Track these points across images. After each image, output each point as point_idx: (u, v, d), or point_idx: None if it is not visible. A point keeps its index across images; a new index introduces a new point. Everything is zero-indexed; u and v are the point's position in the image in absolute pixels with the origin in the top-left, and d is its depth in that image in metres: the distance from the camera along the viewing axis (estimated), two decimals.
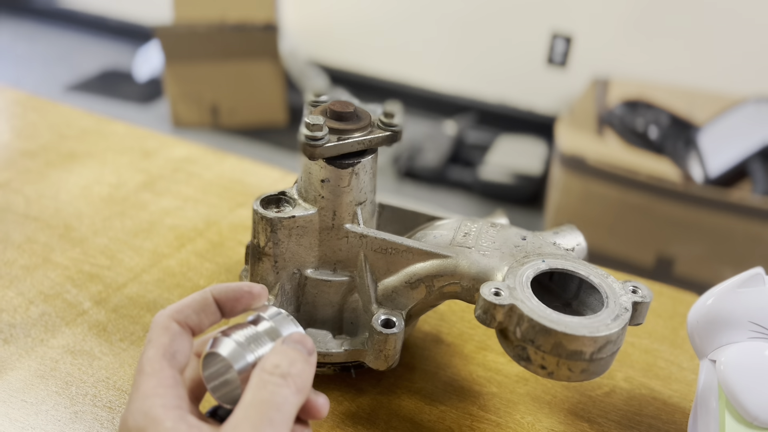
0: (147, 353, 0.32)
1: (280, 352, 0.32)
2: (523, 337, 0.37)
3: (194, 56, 2.34)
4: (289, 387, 0.31)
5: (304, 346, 0.33)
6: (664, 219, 1.61)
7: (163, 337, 0.33)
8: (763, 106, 1.72)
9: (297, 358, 0.32)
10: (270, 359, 0.32)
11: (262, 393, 0.30)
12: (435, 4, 2.44)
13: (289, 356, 0.32)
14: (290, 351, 0.32)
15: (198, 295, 0.35)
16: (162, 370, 0.31)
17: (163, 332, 0.33)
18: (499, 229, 0.45)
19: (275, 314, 0.35)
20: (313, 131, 0.41)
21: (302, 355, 0.32)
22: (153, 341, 0.33)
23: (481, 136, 2.46)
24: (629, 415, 0.48)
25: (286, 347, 0.33)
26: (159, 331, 0.33)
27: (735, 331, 0.40)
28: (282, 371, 0.31)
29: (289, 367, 0.31)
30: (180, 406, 0.31)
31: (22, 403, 0.45)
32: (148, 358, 0.32)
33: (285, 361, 0.31)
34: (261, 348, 0.33)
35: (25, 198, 0.69)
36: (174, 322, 0.34)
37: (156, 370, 0.31)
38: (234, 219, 0.68)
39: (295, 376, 0.31)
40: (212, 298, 0.35)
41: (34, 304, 0.54)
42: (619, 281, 0.40)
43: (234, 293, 0.36)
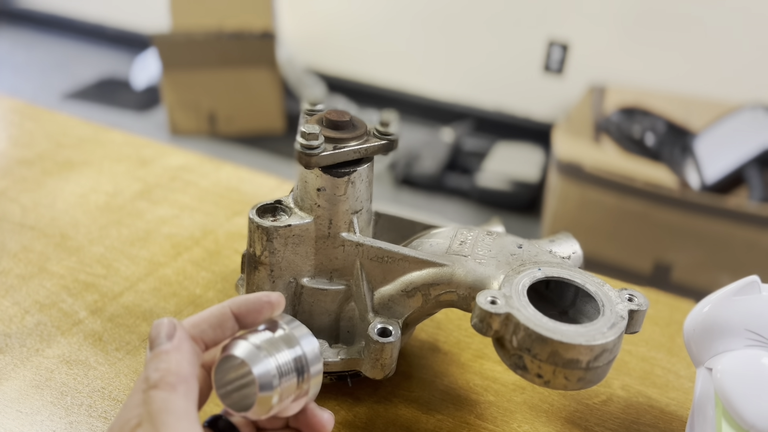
0: (170, 396, 0.32)
1: (145, 366, 0.32)
2: (519, 346, 0.37)
3: (192, 64, 2.35)
4: (163, 391, 0.30)
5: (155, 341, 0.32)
6: (662, 226, 1.61)
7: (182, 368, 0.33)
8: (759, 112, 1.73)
9: (153, 363, 0.31)
10: (137, 382, 0.32)
11: (144, 408, 0.30)
12: (432, 12, 2.45)
13: (149, 366, 0.31)
14: (149, 361, 0.32)
15: (216, 309, 0.35)
16: (190, 413, 0.31)
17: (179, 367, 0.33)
18: (495, 237, 0.45)
19: (290, 321, 0.35)
20: (308, 140, 0.41)
21: (155, 355, 0.32)
22: (173, 384, 0.32)
23: (478, 143, 2.46)
24: (627, 424, 0.48)
25: (148, 355, 0.32)
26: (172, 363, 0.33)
27: (731, 339, 0.40)
28: (149, 383, 0.31)
29: (152, 374, 0.31)
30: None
31: (17, 413, 0.45)
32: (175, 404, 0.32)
33: (147, 370, 0.31)
34: (279, 354, 0.33)
35: (21, 207, 0.69)
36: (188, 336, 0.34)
37: (189, 413, 0.31)
38: (230, 227, 0.68)
39: (160, 379, 0.31)
40: (231, 312, 0.35)
41: (30, 314, 0.54)
42: (615, 289, 0.40)
43: (254, 305, 0.35)
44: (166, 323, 0.33)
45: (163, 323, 0.33)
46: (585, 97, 2.08)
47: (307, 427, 0.35)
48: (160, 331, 0.32)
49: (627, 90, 2.09)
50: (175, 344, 0.32)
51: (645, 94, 2.06)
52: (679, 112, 1.99)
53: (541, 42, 2.31)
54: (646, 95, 2.05)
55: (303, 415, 0.35)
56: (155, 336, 0.32)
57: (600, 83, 2.17)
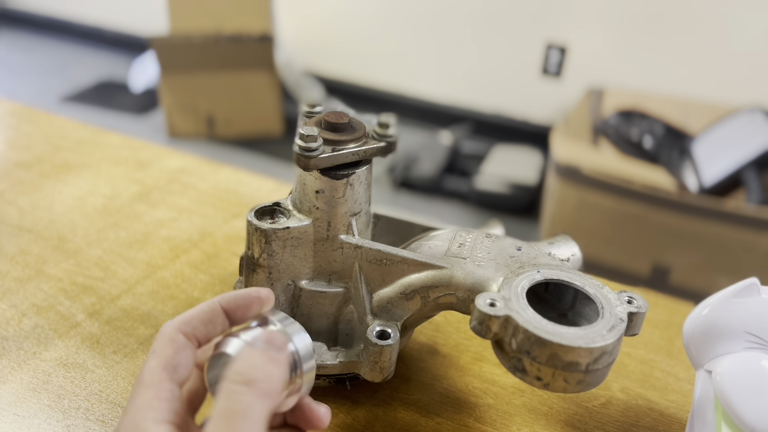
0: (149, 363, 0.32)
1: (244, 357, 0.31)
2: (518, 349, 0.37)
3: (190, 67, 2.35)
4: (252, 393, 0.30)
5: (272, 344, 0.32)
6: (660, 228, 1.61)
7: (167, 349, 0.32)
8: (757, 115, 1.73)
9: (260, 362, 0.31)
10: (233, 366, 0.31)
11: (226, 402, 0.29)
12: (431, 16, 2.45)
13: (251, 361, 0.31)
14: (254, 355, 0.31)
15: (206, 305, 0.35)
16: (161, 383, 0.31)
17: (168, 344, 0.33)
18: (494, 239, 0.45)
19: (283, 318, 0.35)
20: (307, 142, 0.41)
21: (266, 356, 0.31)
22: (157, 352, 0.32)
23: (476, 146, 2.46)
24: (626, 427, 0.48)
25: (250, 351, 0.32)
26: (164, 342, 0.33)
27: (731, 341, 0.40)
28: (244, 378, 0.30)
29: (251, 373, 0.30)
30: (171, 421, 0.30)
31: (14, 416, 0.45)
32: (150, 368, 0.32)
33: (247, 366, 0.31)
34: None
35: (19, 209, 0.69)
36: (180, 333, 0.33)
37: (155, 382, 0.31)
38: (229, 230, 0.68)
39: (260, 381, 0.30)
40: (220, 308, 0.35)
41: (27, 317, 0.54)
42: (614, 291, 0.40)
43: (243, 300, 0.35)
44: (278, 335, 0.33)
45: (276, 334, 0.33)
46: (583, 100, 2.08)
47: (304, 422, 0.35)
48: (276, 339, 0.33)
49: (625, 93, 2.10)
50: (283, 358, 0.32)
51: (643, 97, 2.06)
52: (677, 115, 1.99)
53: (539, 45, 2.32)
54: (644, 98, 2.05)
55: (299, 410, 0.35)
56: (272, 339, 0.32)
57: (598, 86, 2.17)
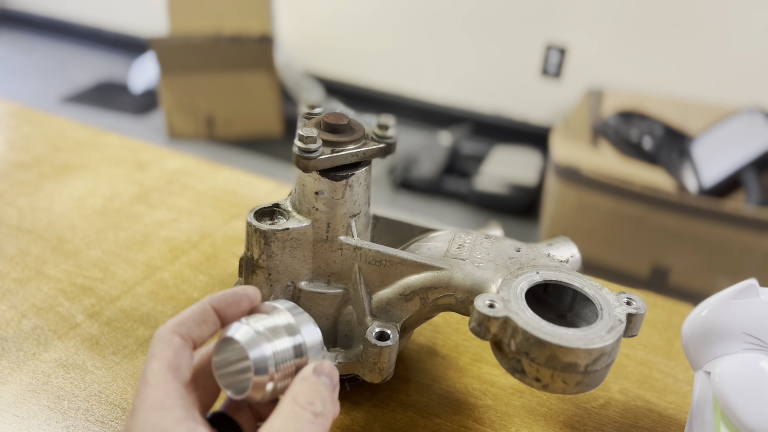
0: (151, 366, 0.32)
1: (314, 385, 0.32)
2: (517, 350, 0.37)
3: (190, 68, 2.35)
4: (317, 426, 0.31)
5: (332, 381, 0.33)
6: (659, 229, 1.61)
7: (167, 351, 0.32)
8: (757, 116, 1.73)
9: (328, 398, 0.32)
10: (304, 391, 0.32)
11: (293, 425, 0.30)
12: (430, 16, 2.45)
13: (322, 393, 0.32)
14: (323, 388, 0.32)
15: (197, 306, 0.35)
16: (167, 383, 0.31)
17: (166, 346, 0.32)
18: (493, 240, 0.45)
19: (292, 308, 0.35)
20: (306, 143, 0.41)
21: (332, 393, 0.33)
22: (156, 355, 0.32)
23: (476, 146, 2.46)
24: (625, 428, 0.48)
25: (319, 381, 0.33)
26: (161, 345, 0.33)
27: (729, 342, 0.40)
28: (315, 410, 0.31)
29: (322, 407, 0.31)
30: (189, 418, 0.30)
31: (13, 417, 0.45)
32: (153, 371, 0.31)
33: (318, 398, 0.32)
34: (278, 340, 0.33)
35: (18, 210, 0.69)
36: (176, 335, 0.33)
37: (161, 382, 0.31)
38: (228, 231, 0.68)
39: (325, 416, 0.31)
40: (211, 308, 0.35)
41: (27, 318, 0.54)
42: (613, 293, 0.40)
43: (233, 298, 0.35)
44: (337, 373, 0.34)
45: (336, 371, 0.34)
46: (583, 100, 2.08)
47: None
48: (335, 376, 0.34)
49: (625, 94, 2.10)
50: (336, 397, 0.33)
51: (643, 97, 2.06)
52: (677, 116, 1.99)
53: (538, 46, 2.32)
54: (643, 99, 2.05)
55: None
56: (331, 376, 0.33)
57: (598, 87, 2.17)
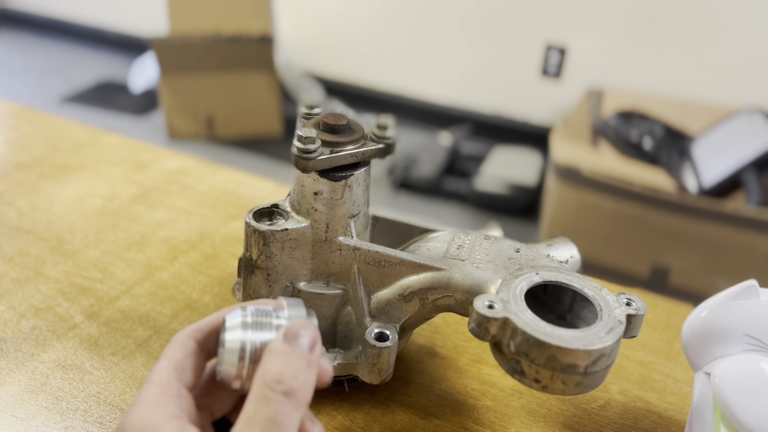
0: (159, 364, 0.32)
1: (282, 358, 0.30)
2: (516, 351, 0.37)
3: (190, 68, 2.35)
4: (291, 404, 0.29)
5: (308, 341, 0.31)
6: (659, 230, 1.61)
7: (178, 352, 0.33)
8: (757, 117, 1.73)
9: (299, 368, 0.30)
10: (271, 369, 0.30)
11: (264, 410, 0.29)
12: (431, 17, 2.45)
13: (291, 366, 0.30)
14: (293, 356, 0.30)
15: (217, 315, 0.35)
16: (169, 381, 0.31)
17: (179, 348, 0.33)
18: (492, 241, 0.45)
19: (296, 315, 0.34)
20: (305, 144, 0.41)
21: (304, 360, 0.30)
22: (167, 355, 0.33)
23: (476, 147, 2.46)
24: (625, 429, 0.48)
25: (288, 351, 0.30)
26: (175, 346, 0.33)
27: (729, 343, 0.40)
28: (284, 388, 0.29)
29: (291, 382, 0.29)
30: (180, 417, 0.30)
31: (12, 418, 0.45)
32: (159, 368, 0.32)
33: (287, 372, 0.30)
34: (261, 333, 0.32)
35: (18, 210, 0.69)
36: (192, 339, 0.34)
37: (163, 380, 0.31)
38: (227, 231, 0.68)
39: (297, 391, 0.29)
40: None
41: (25, 318, 0.54)
42: (613, 294, 0.40)
43: None
44: (314, 331, 0.31)
45: (311, 330, 0.31)
46: (583, 101, 2.08)
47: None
48: (308, 337, 0.31)
49: (625, 94, 2.10)
50: (315, 360, 0.31)
51: (643, 98, 2.06)
52: (677, 116, 1.99)
53: (538, 46, 2.32)
54: (643, 99, 2.05)
55: None
56: (303, 338, 0.31)
57: (598, 87, 2.17)
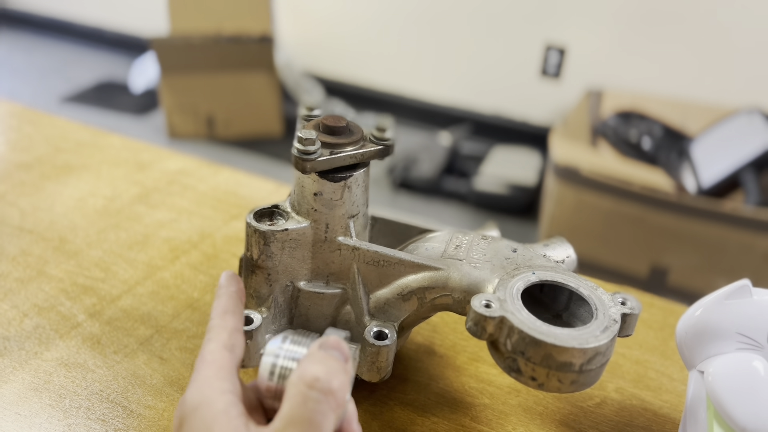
0: (208, 346, 0.34)
1: (320, 360, 0.31)
2: (513, 349, 0.37)
3: (190, 68, 2.35)
4: (329, 403, 0.29)
5: (341, 353, 0.32)
6: (658, 229, 1.62)
7: (222, 334, 0.35)
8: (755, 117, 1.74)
9: (337, 370, 0.30)
10: (309, 368, 0.30)
11: (301, 410, 0.29)
12: (430, 17, 2.46)
13: (329, 366, 0.30)
14: (330, 360, 0.31)
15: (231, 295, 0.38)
16: (222, 359, 0.33)
17: (220, 331, 0.35)
18: (490, 241, 0.46)
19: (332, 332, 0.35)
20: (305, 145, 0.42)
21: (341, 364, 0.31)
22: (212, 338, 0.35)
23: (475, 147, 2.47)
24: (620, 426, 0.48)
25: (325, 354, 0.31)
26: (215, 330, 0.35)
27: (723, 342, 0.41)
28: (323, 386, 0.29)
29: (329, 382, 0.29)
30: (233, 392, 0.32)
31: (15, 416, 0.46)
32: (210, 349, 0.34)
33: (324, 372, 0.30)
34: (294, 353, 0.33)
35: (20, 210, 0.69)
36: (228, 316, 0.36)
37: (217, 359, 0.33)
38: (228, 231, 0.69)
39: (336, 391, 0.30)
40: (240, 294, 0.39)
41: (28, 317, 0.55)
42: (608, 293, 0.40)
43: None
44: (348, 349, 0.32)
45: (346, 347, 0.32)
46: (582, 101, 2.09)
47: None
48: (344, 350, 0.32)
49: (624, 94, 2.10)
50: (350, 369, 0.32)
51: (642, 98, 2.07)
52: (676, 117, 2.00)
53: (538, 46, 2.32)
54: (642, 99, 2.06)
55: None
56: (339, 349, 0.32)
57: (597, 87, 2.18)
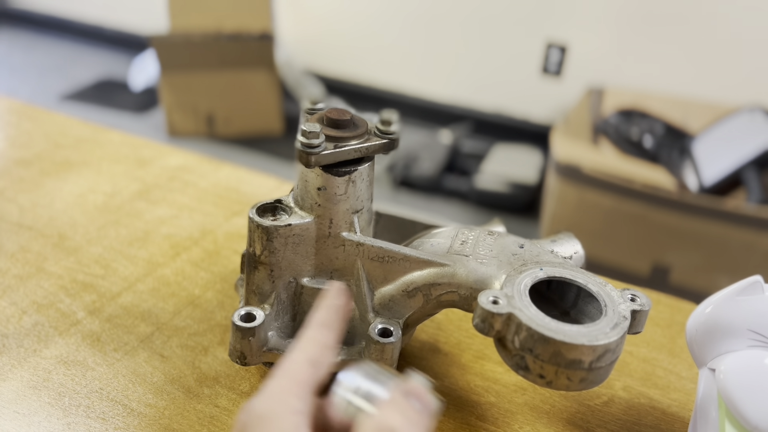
0: (294, 356, 0.33)
1: (402, 410, 0.29)
2: (521, 346, 0.37)
3: (190, 66, 2.34)
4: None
5: (426, 406, 0.30)
6: (660, 227, 1.61)
7: (312, 346, 0.33)
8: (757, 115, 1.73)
9: (418, 425, 0.29)
10: (389, 418, 0.29)
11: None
12: (431, 15, 2.45)
13: (410, 420, 0.29)
14: (412, 412, 0.29)
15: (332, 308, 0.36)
16: (302, 373, 0.32)
17: (312, 343, 0.34)
18: (496, 237, 0.45)
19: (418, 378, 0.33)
20: (309, 138, 0.41)
21: (423, 419, 0.29)
22: (301, 348, 0.33)
23: (476, 145, 2.46)
24: (628, 425, 0.48)
25: (408, 405, 0.29)
26: (308, 341, 0.34)
27: (734, 339, 0.40)
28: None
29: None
30: (303, 413, 0.30)
31: (14, 414, 0.45)
32: (294, 359, 0.33)
33: (403, 426, 0.28)
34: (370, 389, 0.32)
35: (19, 207, 0.68)
36: (322, 329, 0.35)
37: (296, 372, 0.32)
38: (229, 228, 0.68)
39: None
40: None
41: (27, 314, 0.54)
42: (617, 289, 0.40)
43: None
44: (434, 404, 0.31)
45: (433, 401, 0.31)
46: (583, 99, 2.08)
47: None
48: (430, 404, 0.31)
49: (625, 92, 2.10)
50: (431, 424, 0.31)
51: (643, 96, 2.06)
52: (678, 114, 1.99)
53: (539, 44, 2.32)
54: (644, 97, 2.05)
55: None
56: (423, 401, 0.30)
57: (598, 85, 2.17)
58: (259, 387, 0.48)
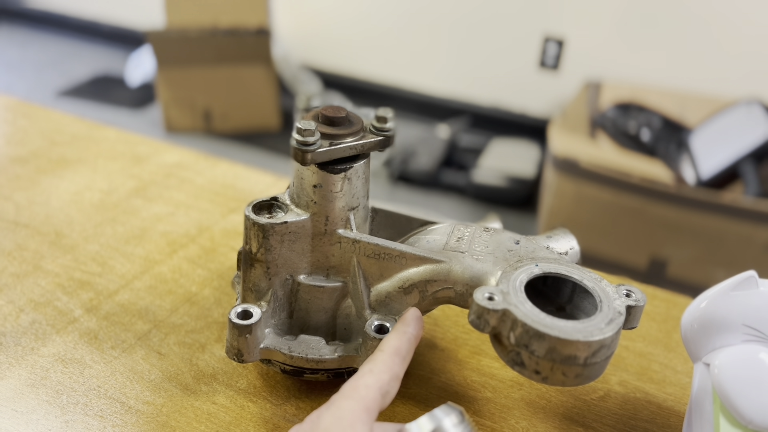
0: (365, 379, 0.35)
1: None
2: (517, 342, 0.37)
3: (187, 61, 2.34)
4: None
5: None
6: (657, 221, 1.61)
7: (385, 374, 0.36)
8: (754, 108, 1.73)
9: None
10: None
11: None
12: (428, 9, 2.45)
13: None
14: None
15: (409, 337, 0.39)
16: (373, 401, 0.34)
17: (386, 370, 0.36)
18: (492, 233, 0.45)
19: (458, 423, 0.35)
20: (304, 136, 0.41)
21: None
22: (375, 372, 0.35)
23: (474, 139, 2.46)
24: (624, 420, 0.48)
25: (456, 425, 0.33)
26: (382, 368, 0.36)
27: (729, 334, 0.40)
28: None
29: None
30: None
31: (12, 412, 0.45)
32: (366, 384, 0.35)
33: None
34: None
35: (15, 204, 0.68)
36: (397, 358, 0.37)
37: (368, 398, 0.34)
38: (226, 225, 0.68)
39: None
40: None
41: (25, 312, 0.54)
42: (612, 285, 0.40)
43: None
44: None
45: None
46: (580, 92, 2.08)
47: None
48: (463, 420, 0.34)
49: (622, 86, 2.10)
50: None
51: (640, 89, 2.06)
52: (675, 108, 1.99)
53: (536, 38, 2.31)
54: (641, 91, 2.05)
55: None
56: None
57: (595, 79, 2.17)
58: (258, 385, 0.48)
